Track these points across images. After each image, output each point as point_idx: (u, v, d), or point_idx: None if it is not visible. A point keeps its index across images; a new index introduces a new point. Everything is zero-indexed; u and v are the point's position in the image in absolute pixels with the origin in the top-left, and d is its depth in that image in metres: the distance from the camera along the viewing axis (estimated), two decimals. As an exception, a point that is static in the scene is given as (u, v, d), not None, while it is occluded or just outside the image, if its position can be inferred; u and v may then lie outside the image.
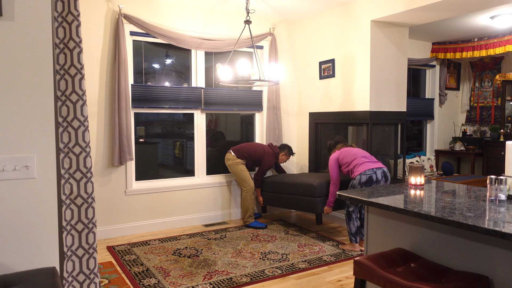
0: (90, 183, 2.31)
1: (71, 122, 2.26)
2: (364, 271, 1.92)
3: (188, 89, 4.83)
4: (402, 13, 4.12)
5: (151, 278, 3.26)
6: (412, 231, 2.16)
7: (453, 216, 1.73)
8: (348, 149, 4.07)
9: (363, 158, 3.93)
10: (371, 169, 3.82)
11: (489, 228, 1.55)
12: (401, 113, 4.76)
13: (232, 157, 4.80)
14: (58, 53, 2.22)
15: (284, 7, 4.85)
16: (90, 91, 4.19)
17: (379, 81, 4.53)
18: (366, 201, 2.14)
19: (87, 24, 4.13)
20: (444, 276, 1.83)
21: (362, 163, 3.88)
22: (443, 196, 2.23)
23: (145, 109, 4.61)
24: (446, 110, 7.20)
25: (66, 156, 2.24)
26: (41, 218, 1.94)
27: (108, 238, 4.33)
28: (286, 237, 4.35)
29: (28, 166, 1.91)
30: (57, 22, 2.21)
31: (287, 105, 5.51)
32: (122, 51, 4.23)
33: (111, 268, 3.49)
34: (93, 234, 2.33)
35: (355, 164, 3.88)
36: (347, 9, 4.68)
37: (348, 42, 4.69)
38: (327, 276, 3.32)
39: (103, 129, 4.29)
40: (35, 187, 1.92)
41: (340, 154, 4.05)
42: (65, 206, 2.24)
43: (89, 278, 2.33)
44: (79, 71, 2.26)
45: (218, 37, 4.90)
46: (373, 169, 3.84)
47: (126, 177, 4.45)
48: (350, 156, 3.97)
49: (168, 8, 4.57)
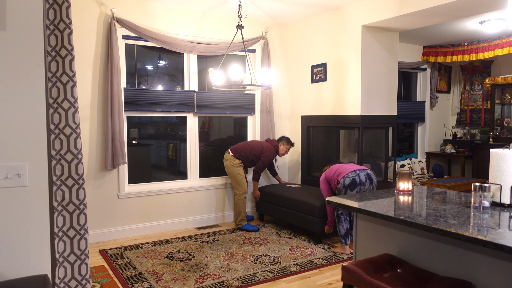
0: (82, 190, 2.33)
1: (63, 129, 2.27)
2: (352, 276, 1.96)
3: (181, 93, 4.85)
4: (392, 18, 4.17)
5: (143, 282, 3.28)
6: (400, 237, 2.20)
7: (437, 224, 1.78)
8: (333, 166, 4.15)
9: (346, 165, 4.00)
10: (353, 171, 3.88)
11: (471, 236, 1.59)
12: (391, 117, 4.82)
13: (230, 157, 4.82)
14: (50, 61, 2.24)
15: (276, 11, 4.89)
16: (83, 95, 4.19)
17: (370, 85, 4.59)
18: (353, 208, 2.18)
19: (79, 28, 4.14)
20: (429, 282, 1.87)
21: (345, 169, 3.95)
22: (430, 202, 2.28)
23: (138, 112, 4.62)
24: (437, 113, 7.28)
25: (58, 163, 2.26)
26: (33, 225, 1.95)
27: (101, 241, 4.34)
28: (278, 240, 4.38)
29: (20, 174, 1.93)
30: (49, 30, 2.23)
31: (280, 108, 5.55)
32: (115, 55, 4.25)
33: (104, 272, 3.50)
34: (85, 240, 2.35)
35: (339, 173, 3.95)
36: (339, 14, 4.73)
37: (340, 47, 4.74)
38: (318, 279, 3.36)
39: (95, 132, 4.30)
40: (26, 195, 1.94)
41: (326, 173, 4.11)
42: (57, 213, 2.26)
43: (81, 284, 2.35)
44: (71, 78, 2.28)
45: (211, 41, 4.92)
46: (355, 171, 3.89)
47: (118, 180, 4.46)
48: (334, 169, 4.04)
49: (161, 12, 4.59)
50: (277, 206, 4.81)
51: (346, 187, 3.83)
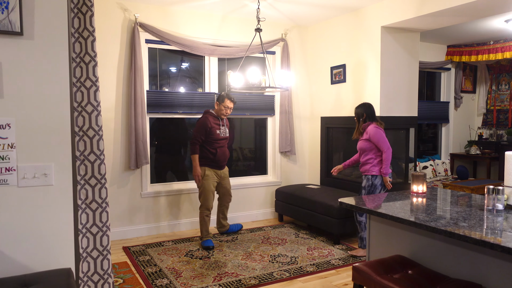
0: (104, 189, 2.45)
1: (87, 132, 2.40)
2: (362, 277, 1.99)
3: (202, 94, 4.96)
4: (412, 19, 4.14)
5: (163, 279, 3.39)
6: (412, 239, 2.22)
7: (447, 226, 1.79)
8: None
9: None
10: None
11: (479, 239, 1.60)
12: (412, 118, 4.78)
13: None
14: (75, 67, 2.37)
15: (295, 13, 4.93)
16: (107, 98, 4.36)
17: (390, 86, 4.56)
18: (365, 209, 2.20)
19: (105, 34, 4.30)
20: (439, 284, 1.89)
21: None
22: (443, 204, 2.28)
23: (160, 114, 4.76)
24: (462, 113, 7.13)
25: (82, 163, 2.39)
26: (58, 222, 2.08)
27: (124, 238, 4.50)
28: (296, 240, 4.43)
29: (47, 174, 2.06)
30: (74, 38, 2.36)
31: (299, 109, 5.58)
32: (138, 59, 4.39)
33: (126, 268, 3.64)
34: (107, 236, 2.47)
35: (385, 159, 3.74)
36: (358, 15, 4.72)
37: (359, 48, 4.74)
38: (334, 279, 3.39)
39: (120, 134, 4.46)
40: (52, 193, 2.07)
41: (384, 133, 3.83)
42: (80, 210, 2.39)
43: (103, 278, 2.47)
44: (94, 83, 2.40)
45: (231, 44, 5.01)
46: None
47: (141, 180, 4.61)
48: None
49: (182, 16, 4.71)
50: (296, 206, 4.84)
51: (383, 186, 3.84)
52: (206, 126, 4.13)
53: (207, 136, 4.14)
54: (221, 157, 4.27)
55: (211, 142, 4.18)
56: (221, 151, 4.26)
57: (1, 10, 1.89)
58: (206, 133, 4.13)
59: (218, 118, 4.24)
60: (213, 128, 4.17)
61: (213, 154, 4.21)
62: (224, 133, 4.27)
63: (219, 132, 4.21)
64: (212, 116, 4.23)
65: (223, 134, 4.26)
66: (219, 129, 4.23)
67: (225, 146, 4.33)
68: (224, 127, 4.30)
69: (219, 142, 4.24)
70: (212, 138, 4.17)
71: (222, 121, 4.28)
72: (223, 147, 4.30)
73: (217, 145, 4.21)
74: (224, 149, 4.31)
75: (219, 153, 4.22)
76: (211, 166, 4.23)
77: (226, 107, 4.17)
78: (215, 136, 4.18)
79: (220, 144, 4.25)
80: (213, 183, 4.25)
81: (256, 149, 5.81)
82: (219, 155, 4.23)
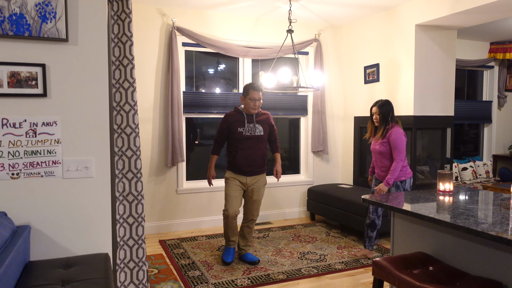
0: (140, 182, 2.64)
1: (124, 129, 2.60)
2: (382, 271, 2.04)
3: (236, 95, 5.10)
4: (446, 16, 4.07)
5: (195, 271, 3.56)
6: (435, 236, 2.22)
7: (465, 223, 1.80)
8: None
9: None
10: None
11: (496, 235, 1.61)
12: (448, 117, 4.67)
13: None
14: (114, 69, 2.57)
15: (328, 14, 4.96)
16: (146, 98, 4.61)
17: (424, 85, 4.49)
18: (387, 206, 2.24)
19: (144, 37, 4.55)
20: (459, 280, 1.89)
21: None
22: (467, 203, 2.27)
23: (196, 114, 4.95)
24: (506, 113, 6.83)
25: (120, 158, 2.59)
26: (98, 211, 2.28)
27: (161, 232, 4.72)
28: (327, 239, 4.46)
29: (88, 167, 2.26)
30: (114, 43, 2.56)
31: (332, 109, 5.60)
32: (175, 61, 4.61)
33: (161, 259, 3.85)
34: (142, 227, 2.66)
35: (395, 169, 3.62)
36: (392, 14, 4.69)
37: (393, 47, 4.70)
38: (362, 277, 3.41)
39: (157, 133, 4.69)
40: (93, 185, 2.27)
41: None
42: (118, 202, 2.58)
43: (138, 266, 2.66)
44: (131, 84, 2.60)
45: (264, 45, 5.12)
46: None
47: (177, 177, 4.82)
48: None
49: (217, 19, 4.88)
50: (328, 206, 4.87)
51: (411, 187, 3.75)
52: (223, 123, 3.66)
53: (229, 135, 3.65)
54: (242, 160, 3.60)
55: (232, 142, 3.66)
56: (243, 153, 3.60)
57: (50, 19, 2.11)
58: (224, 131, 3.65)
59: (244, 115, 3.62)
60: (234, 125, 3.59)
61: (233, 157, 3.65)
62: (250, 131, 3.60)
63: (241, 130, 3.58)
64: (237, 112, 3.67)
65: (248, 133, 3.59)
66: (243, 126, 3.59)
67: (254, 148, 3.62)
68: (252, 124, 3.61)
69: (242, 142, 3.60)
70: (233, 137, 3.62)
71: (250, 117, 3.63)
72: (249, 149, 3.61)
73: (239, 146, 3.61)
74: (249, 151, 3.60)
75: (239, 156, 3.60)
76: (233, 170, 3.67)
77: (252, 99, 3.54)
78: (236, 135, 3.59)
79: (244, 145, 3.60)
80: (236, 188, 3.64)
81: (290, 148, 5.88)
82: (239, 158, 3.60)
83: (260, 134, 3.64)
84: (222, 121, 3.68)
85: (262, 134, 3.65)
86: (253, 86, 3.56)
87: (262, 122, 3.67)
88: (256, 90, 3.54)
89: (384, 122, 3.64)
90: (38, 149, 2.13)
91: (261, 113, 3.71)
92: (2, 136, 2.08)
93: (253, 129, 3.62)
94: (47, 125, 2.15)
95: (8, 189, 2.09)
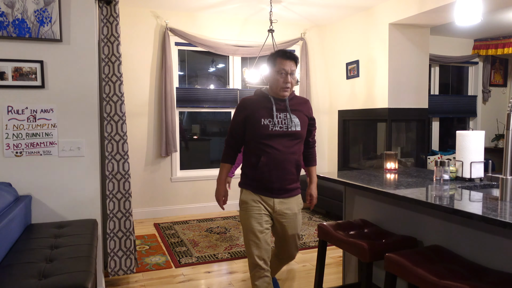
0: (127, 163, 3.04)
1: (113, 117, 3.00)
2: (323, 233, 2.41)
3: (226, 90, 5.49)
4: (416, 15, 4.40)
5: (182, 247, 3.96)
6: (373, 205, 2.58)
7: (391, 189, 2.16)
8: None
9: None
10: None
11: (412, 198, 1.97)
12: (422, 109, 5.00)
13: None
14: (104, 65, 2.98)
15: (312, 14, 5.32)
16: (142, 94, 5.02)
17: (398, 79, 4.83)
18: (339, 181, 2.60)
19: (140, 38, 4.97)
20: (385, 238, 2.25)
21: None
22: (404, 177, 2.62)
23: (188, 108, 5.36)
24: (491, 107, 7.10)
25: (109, 142, 2.99)
26: (88, 185, 2.69)
27: (156, 217, 5.14)
28: (308, 222, 4.82)
29: (79, 148, 2.67)
30: (103, 43, 2.97)
31: (318, 103, 5.95)
32: (168, 60, 5.02)
33: (153, 239, 4.26)
34: (129, 202, 3.06)
35: None
36: (369, 14, 5.03)
37: (370, 44, 5.04)
38: (330, 253, 3.77)
39: (152, 125, 5.11)
40: (84, 163, 2.67)
41: None
42: (108, 180, 2.99)
43: (126, 235, 3.06)
44: (118, 78, 3.00)
45: (252, 44, 5.50)
46: None
47: (171, 166, 5.23)
48: None
49: (207, 20, 5.28)
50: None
51: None
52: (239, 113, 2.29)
53: (247, 132, 2.29)
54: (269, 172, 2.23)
55: (252, 143, 2.27)
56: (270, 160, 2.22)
57: (46, 23, 2.52)
58: (240, 125, 2.30)
59: (271, 99, 2.27)
60: (256, 115, 2.24)
61: (253, 165, 2.26)
62: (281, 124, 2.23)
63: (267, 123, 2.22)
64: (261, 95, 2.32)
65: (278, 127, 2.23)
66: (270, 117, 2.23)
67: (287, 151, 2.24)
68: (285, 114, 2.26)
69: (269, 142, 2.22)
70: (254, 134, 2.25)
71: (282, 103, 2.28)
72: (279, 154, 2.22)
73: (263, 149, 2.22)
74: (280, 157, 2.22)
75: (264, 164, 2.22)
76: (253, 188, 2.29)
77: (281, 72, 2.21)
78: (259, 130, 2.22)
79: (271, 147, 2.22)
80: (261, 218, 2.26)
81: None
82: (263, 168, 2.23)
83: (296, 129, 2.26)
84: (236, 110, 2.33)
85: (300, 130, 2.28)
86: (282, 53, 2.24)
87: (299, 111, 2.32)
88: (287, 59, 2.22)
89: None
90: (37, 132, 2.55)
91: (297, 97, 2.37)
92: (8, 121, 2.50)
93: (286, 121, 2.25)
94: (45, 112, 2.56)
95: (12, 165, 2.50)
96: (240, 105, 2.33)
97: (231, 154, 2.39)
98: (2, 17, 2.43)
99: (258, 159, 2.25)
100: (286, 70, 2.23)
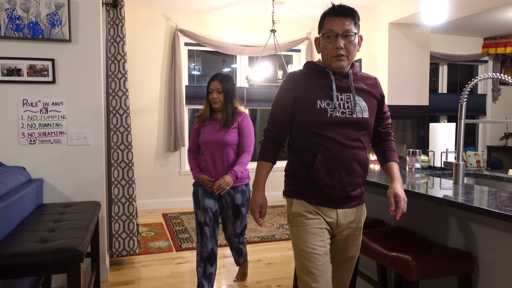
0: (130, 153, 3.32)
1: (118, 110, 3.29)
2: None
3: (233, 89, 5.73)
4: (413, 14, 4.52)
5: (185, 234, 4.22)
6: (355, 193, 2.76)
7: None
8: None
9: None
10: None
11: (380, 183, 2.15)
12: (422, 107, 5.10)
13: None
14: (110, 64, 3.27)
15: (317, 15, 5.50)
16: (153, 91, 5.32)
17: (398, 77, 4.95)
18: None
19: (151, 39, 5.27)
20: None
21: None
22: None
23: (197, 105, 5.63)
24: (501, 106, 7.09)
25: (114, 133, 3.28)
26: (93, 170, 2.97)
27: (165, 208, 5.42)
28: (309, 215, 5.00)
29: (86, 137, 2.96)
30: (110, 43, 3.26)
31: (323, 101, 6.11)
32: (178, 59, 5.30)
33: (160, 226, 4.54)
34: (132, 188, 3.34)
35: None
36: (370, 13, 5.18)
37: (371, 43, 5.18)
38: (325, 242, 3.95)
39: (162, 121, 5.40)
40: (90, 151, 2.96)
41: None
42: (113, 168, 3.28)
43: (129, 219, 3.34)
44: (123, 75, 3.29)
45: (257, 44, 5.72)
46: None
47: (180, 160, 5.51)
48: None
49: (215, 21, 5.54)
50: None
51: None
52: (286, 93, 1.74)
53: (298, 118, 1.72)
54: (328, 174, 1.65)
55: (305, 132, 1.69)
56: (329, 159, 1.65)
57: (57, 26, 2.82)
58: (287, 109, 1.73)
59: (330, 73, 1.72)
60: (312, 94, 1.68)
61: (306, 166, 1.68)
62: (347, 108, 1.67)
63: (325, 107, 1.66)
64: (315, 68, 1.78)
65: (342, 111, 1.66)
66: (329, 98, 1.67)
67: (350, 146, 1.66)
68: (348, 95, 1.69)
69: (328, 132, 1.65)
70: (310, 120, 1.67)
71: (343, 79, 1.72)
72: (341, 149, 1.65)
73: (320, 142, 1.66)
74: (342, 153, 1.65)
75: (321, 164, 1.65)
76: (307, 196, 1.70)
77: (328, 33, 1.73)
78: (318, 115, 1.66)
79: (330, 140, 1.65)
80: (321, 235, 1.66)
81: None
82: (320, 169, 1.65)
83: (363, 116, 1.69)
84: (281, 89, 1.77)
85: (367, 117, 1.70)
86: (331, 9, 1.76)
87: (367, 92, 1.74)
88: (337, 15, 1.72)
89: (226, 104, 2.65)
90: (49, 122, 2.85)
91: (362, 74, 1.81)
92: (23, 112, 2.81)
93: (349, 104, 1.69)
94: (56, 105, 2.86)
95: (27, 151, 2.81)
96: (287, 82, 1.73)
97: (272, 149, 1.77)
98: (19, 20, 2.74)
99: (313, 157, 1.64)
100: (336, 30, 1.67)
